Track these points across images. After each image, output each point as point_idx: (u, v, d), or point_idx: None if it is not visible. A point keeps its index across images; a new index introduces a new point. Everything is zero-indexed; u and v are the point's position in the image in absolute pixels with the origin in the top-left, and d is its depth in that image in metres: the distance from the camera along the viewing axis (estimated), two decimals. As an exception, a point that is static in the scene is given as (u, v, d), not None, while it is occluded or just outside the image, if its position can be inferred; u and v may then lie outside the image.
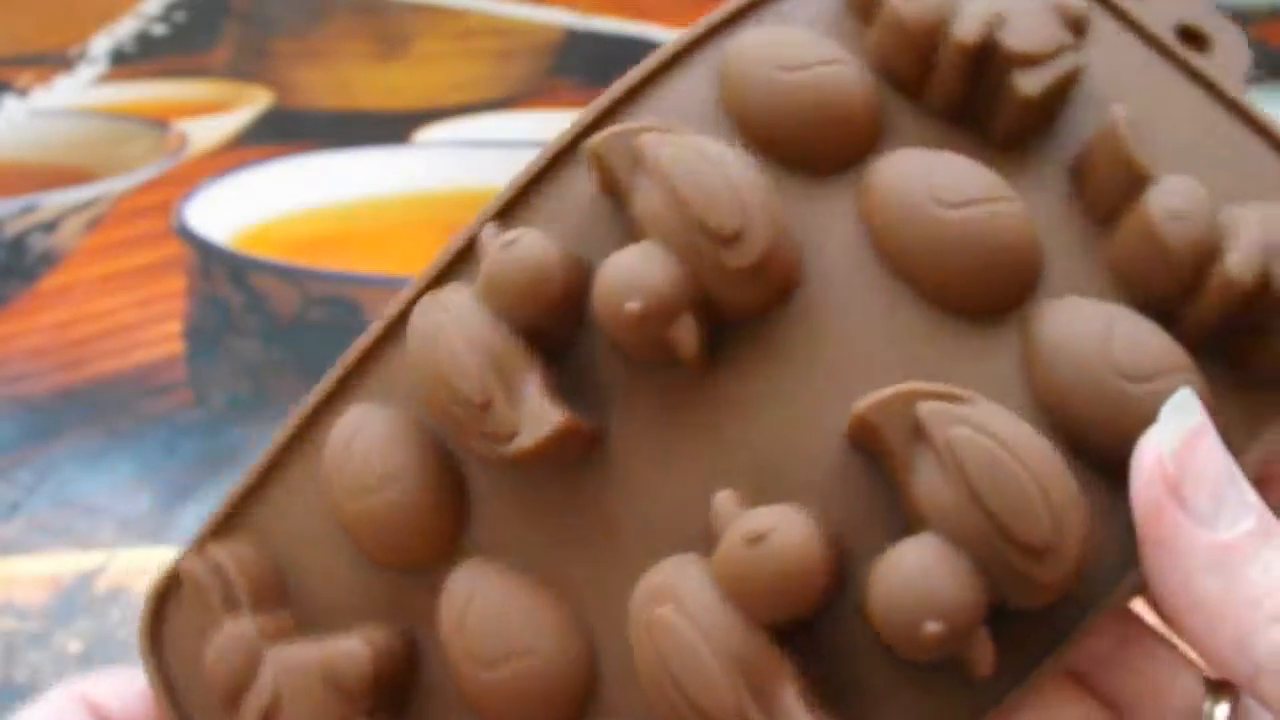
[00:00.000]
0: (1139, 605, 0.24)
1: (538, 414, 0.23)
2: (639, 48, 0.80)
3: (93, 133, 0.72)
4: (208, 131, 0.71)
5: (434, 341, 0.23)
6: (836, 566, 0.22)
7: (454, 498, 0.25)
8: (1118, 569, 0.22)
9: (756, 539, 0.21)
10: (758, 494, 0.23)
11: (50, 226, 0.65)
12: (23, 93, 0.74)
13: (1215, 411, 0.21)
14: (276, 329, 0.59)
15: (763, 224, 0.23)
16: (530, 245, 0.24)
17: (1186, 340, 0.23)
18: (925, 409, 0.21)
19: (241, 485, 0.27)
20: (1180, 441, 0.20)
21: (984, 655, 0.21)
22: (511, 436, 0.23)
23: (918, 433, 0.21)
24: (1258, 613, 0.19)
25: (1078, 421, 0.22)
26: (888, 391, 0.22)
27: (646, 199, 0.23)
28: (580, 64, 0.78)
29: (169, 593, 0.28)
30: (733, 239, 0.23)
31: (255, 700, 0.25)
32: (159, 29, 0.80)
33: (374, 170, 0.69)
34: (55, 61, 0.77)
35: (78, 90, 0.75)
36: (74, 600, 0.48)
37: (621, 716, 0.23)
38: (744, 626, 0.21)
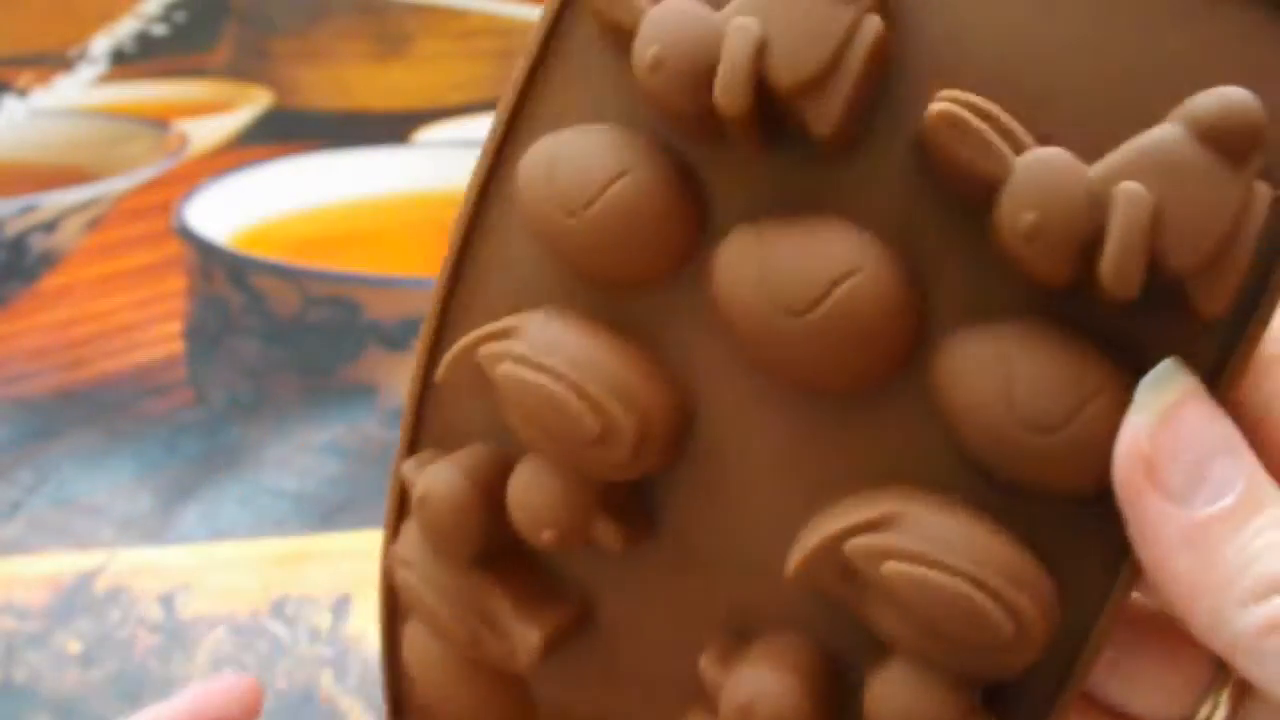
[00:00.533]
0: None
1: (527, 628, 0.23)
2: (639, 47, 0.80)
3: (93, 133, 0.72)
4: (208, 131, 0.71)
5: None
6: (828, 691, 0.22)
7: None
8: (1101, 592, 0.21)
9: (745, 715, 0.21)
10: (740, 639, 0.22)
11: (50, 226, 0.65)
12: (23, 93, 0.74)
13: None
14: (276, 329, 0.59)
15: (627, 407, 0.21)
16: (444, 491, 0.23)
17: (1110, 310, 0.20)
18: (852, 550, 0.20)
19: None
20: (1157, 419, 0.19)
21: None
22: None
23: (853, 574, 0.20)
24: (1230, 593, 0.19)
25: (1009, 477, 0.21)
26: (809, 547, 0.21)
27: (510, 414, 0.22)
28: (580, 64, 0.78)
29: None
30: (600, 440, 0.21)
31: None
32: (159, 29, 0.80)
33: (374, 170, 0.69)
34: (55, 61, 0.77)
35: (78, 90, 0.75)
36: (74, 600, 0.48)
37: None
38: None
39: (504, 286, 0.24)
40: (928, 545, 0.20)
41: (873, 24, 0.19)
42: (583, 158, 0.21)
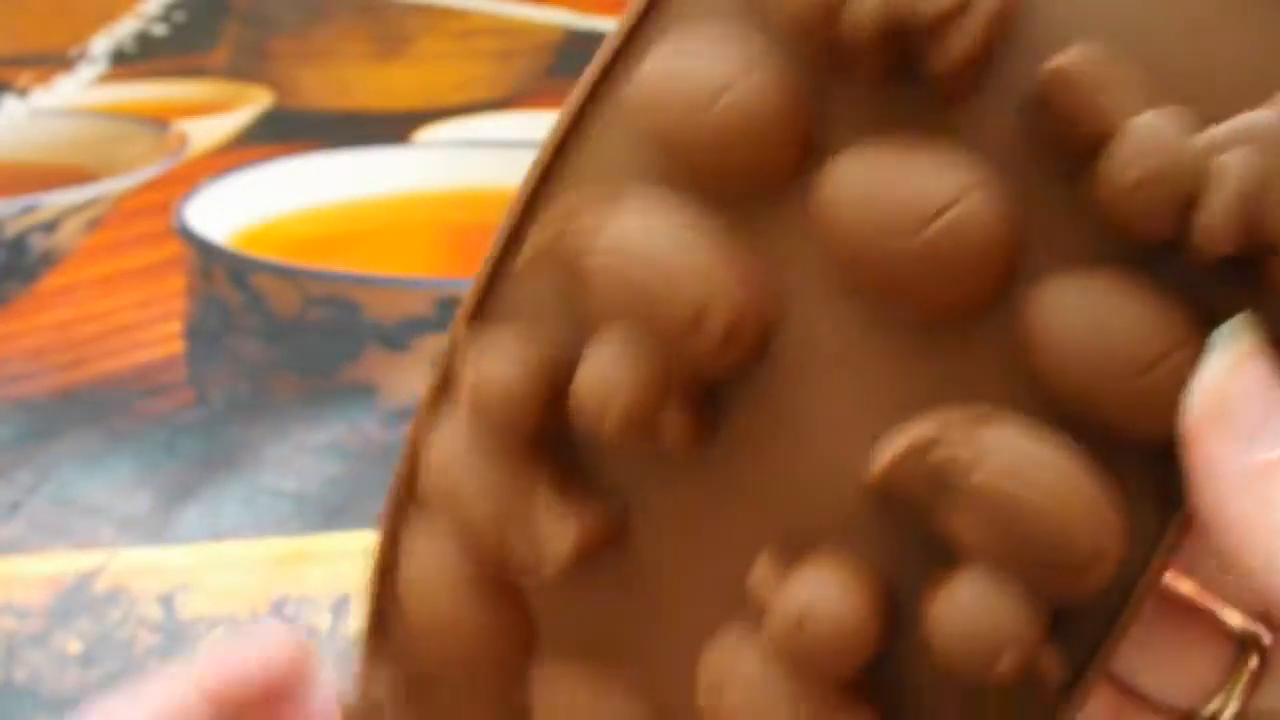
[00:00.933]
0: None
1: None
2: (639, 48, 0.80)
3: (93, 133, 0.72)
4: (208, 131, 0.71)
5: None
6: (886, 609, 0.22)
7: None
8: (1151, 542, 0.22)
9: (800, 619, 0.21)
10: (792, 552, 0.22)
11: (50, 226, 0.65)
12: (23, 93, 0.74)
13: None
14: (276, 329, 0.60)
15: (721, 294, 0.22)
16: (495, 371, 0.23)
17: (1194, 273, 0.20)
18: (939, 459, 0.21)
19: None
20: (1226, 368, 0.20)
21: (1052, 667, 0.21)
22: None
23: (940, 479, 0.21)
24: None
25: (1086, 416, 0.21)
26: (899, 448, 0.21)
27: (599, 298, 0.22)
28: (580, 64, 0.78)
29: None
30: (694, 321, 0.21)
31: None
32: (159, 29, 0.80)
33: (374, 170, 0.69)
34: (55, 61, 0.77)
35: (78, 90, 0.75)
36: (74, 600, 0.48)
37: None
38: (809, 693, 0.21)
39: (601, 175, 0.23)
40: (1015, 458, 0.20)
41: None
42: (709, 58, 0.21)
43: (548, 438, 0.23)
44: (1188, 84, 0.21)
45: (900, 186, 0.21)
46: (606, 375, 0.22)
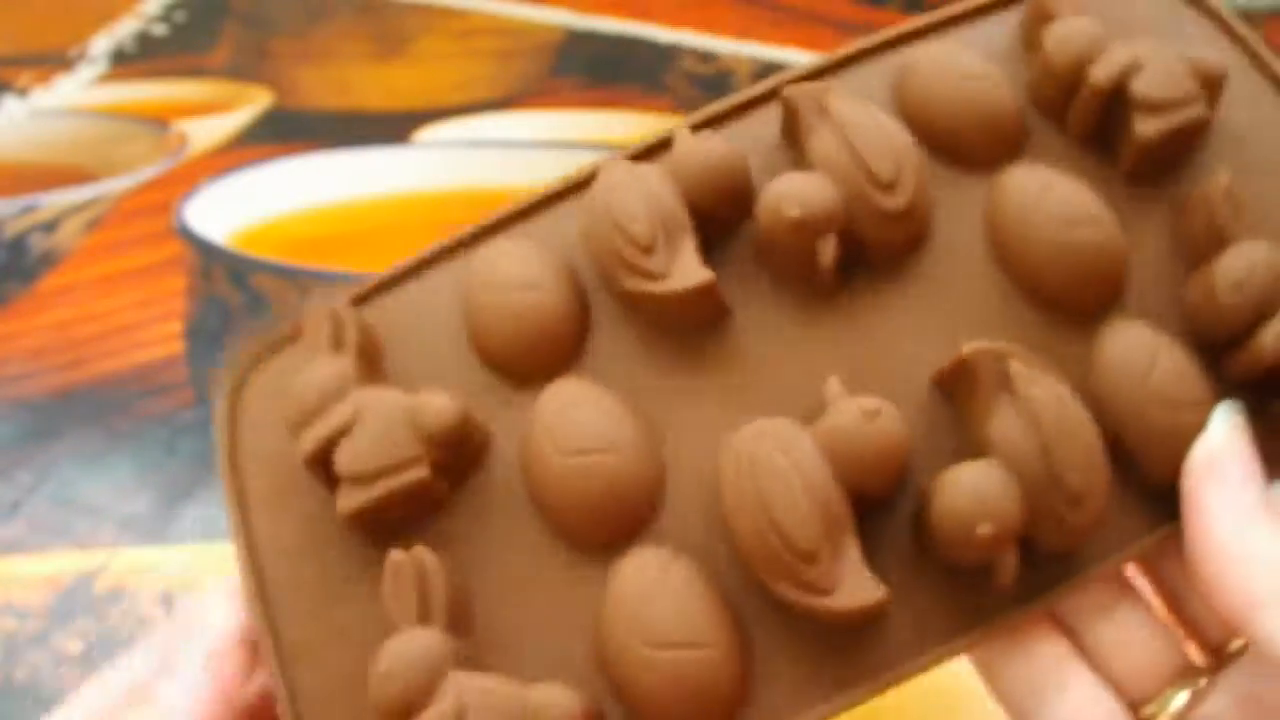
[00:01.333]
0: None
1: (690, 268, 0.27)
2: (639, 48, 0.80)
3: (93, 133, 0.72)
4: (208, 131, 0.71)
5: (618, 188, 0.28)
6: (908, 465, 0.26)
7: (580, 314, 0.29)
8: (1116, 544, 0.27)
9: (872, 414, 0.25)
10: (856, 393, 0.26)
11: (50, 226, 0.65)
12: (23, 93, 0.74)
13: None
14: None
15: (913, 181, 0.28)
16: (719, 143, 0.29)
17: (1231, 379, 0.27)
18: (1015, 367, 0.26)
19: (386, 276, 0.30)
20: (1224, 432, 0.26)
21: (1009, 567, 0.25)
22: (663, 278, 0.27)
23: (1004, 383, 0.26)
24: (1264, 565, 0.24)
25: (1116, 424, 0.27)
26: (988, 344, 0.26)
27: (822, 141, 0.28)
28: (580, 64, 0.78)
29: (262, 357, 0.31)
30: (888, 186, 0.28)
31: (335, 418, 0.27)
32: (159, 29, 0.80)
33: (374, 170, 0.69)
34: (55, 61, 0.77)
35: (78, 90, 0.75)
36: (74, 600, 0.48)
37: (675, 537, 0.27)
38: (834, 484, 0.25)
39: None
40: (1065, 400, 0.25)
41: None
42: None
43: (712, 223, 0.29)
44: None
45: (1056, 193, 0.28)
46: (802, 184, 0.28)
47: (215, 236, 0.64)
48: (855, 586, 0.24)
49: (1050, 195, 0.28)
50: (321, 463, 0.27)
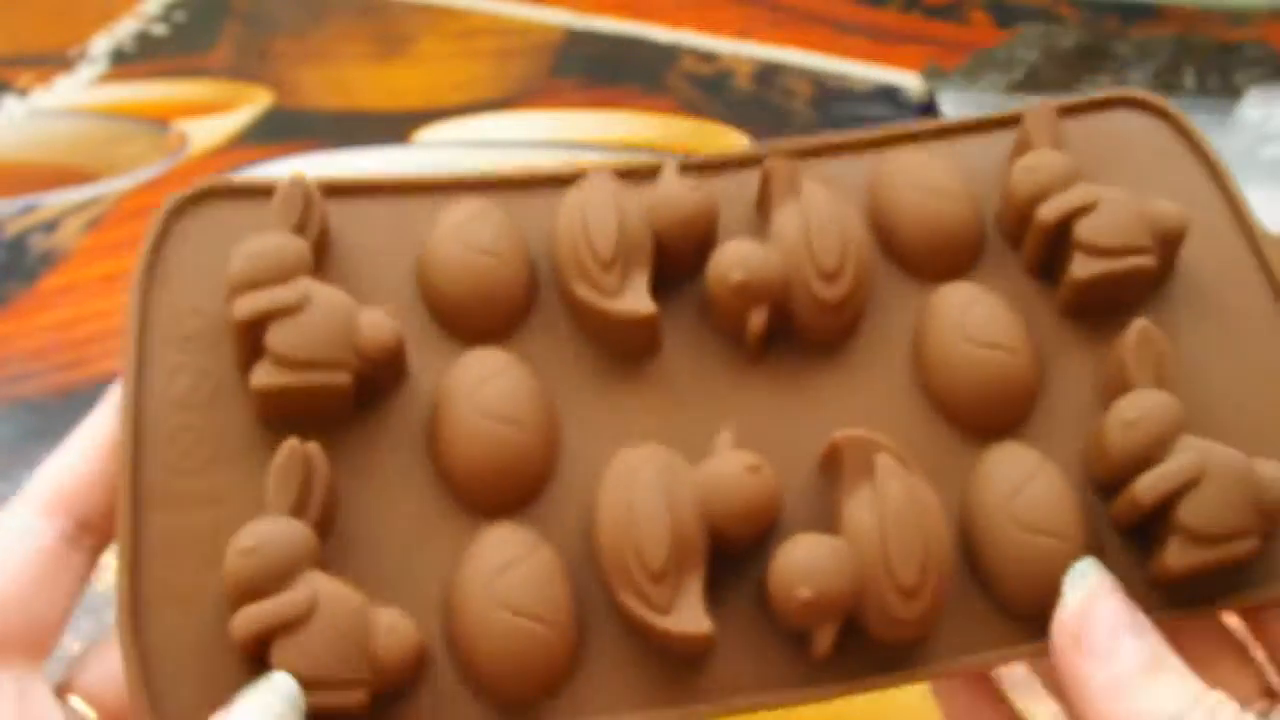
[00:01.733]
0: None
1: (638, 297, 0.29)
2: (639, 48, 0.80)
3: (93, 133, 0.72)
4: (208, 131, 0.71)
5: (599, 203, 0.29)
6: (772, 525, 0.28)
7: (526, 296, 0.30)
8: (962, 649, 0.28)
9: (752, 469, 0.27)
10: (745, 446, 0.28)
11: (50, 226, 0.65)
12: (23, 93, 0.74)
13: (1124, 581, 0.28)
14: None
15: (853, 276, 0.30)
16: (697, 194, 0.30)
17: (1117, 521, 0.28)
18: (881, 459, 0.27)
19: (362, 182, 0.31)
20: (1080, 602, 0.27)
21: (824, 637, 0.26)
22: (612, 297, 0.29)
23: (868, 471, 0.27)
24: None
25: (979, 539, 0.28)
26: (862, 432, 0.28)
27: (784, 217, 0.30)
28: (580, 64, 0.78)
29: (201, 203, 0.31)
30: (829, 276, 0.29)
31: (281, 296, 0.27)
32: (159, 29, 0.80)
33: (374, 170, 0.69)
34: (55, 61, 0.77)
35: (78, 90, 0.75)
36: (74, 600, 0.48)
37: (548, 524, 0.28)
38: (699, 521, 0.26)
39: None
40: (920, 497, 0.27)
41: None
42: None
43: (668, 266, 0.30)
44: (1228, 418, 0.30)
45: (978, 313, 0.30)
46: (752, 254, 0.29)
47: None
48: (687, 615, 0.26)
49: (970, 313, 0.30)
50: (247, 332, 0.27)
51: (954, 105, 0.73)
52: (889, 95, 0.76)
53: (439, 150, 0.71)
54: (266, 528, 0.25)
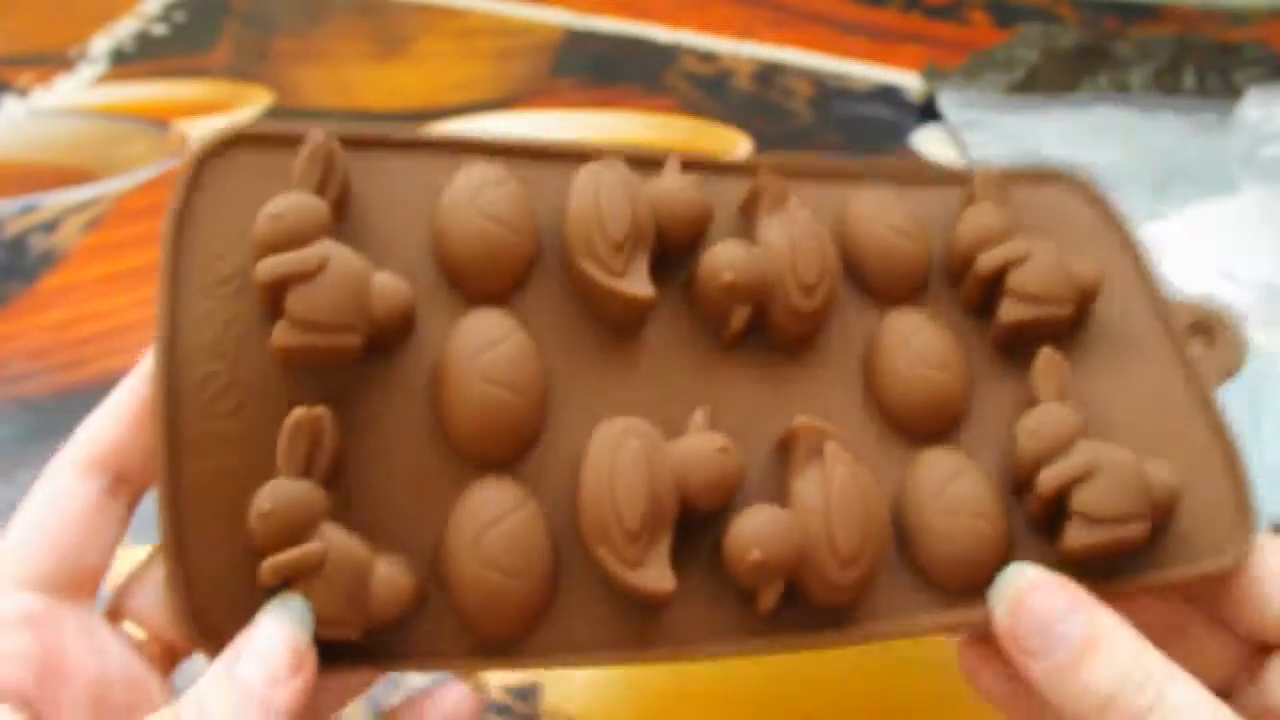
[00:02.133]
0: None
1: (640, 279, 0.32)
2: (639, 48, 0.80)
3: (93, 133, 0.72)
4: (208, 132, 0.71)
5: (613, 188, 0.32)
6: (734, 496, 0.31)
7: (528, 262, 0.33)
8: (887, 614, 0.32)
9: (721, 450, 0.31)
10: (715, 426, 0.32)
11: (50, 226, 0.65)
12: (23, 93, 0.74)
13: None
14: (277, 329, 0.59)
15: (826, 292, 0.34)
16: (698, 190, 0.34)
17: (1030, 518, 0.33)
18: (830, 445, 0.32)
19: (381, 135, 0.33)
20: (1009, 603, 0.30)
21: (769, 596, 0.30)
22: (618, 277, 0.32)
23: (817, 455, 0.32)
24: (1113, 712, 0.27)
25: (912, 524, 0.33)
26: (816, 421, 0.32)
27: (771, 229, 0.34)
28: (580, 64, 0.78)
29: (234, 148, 0.32)
30: (807, 288, 0.33)
31: (302, 260, 0.29)
32: (159, 29, 0.80)
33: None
34: (55, 61, 0.77)
35: (78, 90, 0.75)
36: (74, 600, 0.47)
37: (536, 479, 0.31)
38: (672, 490, 0.30)
39: None
40: (861, 479, 0.31)
41: None
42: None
43: (666, 252, 0.34)
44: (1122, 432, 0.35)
45: (920, 339, 0.35)
46: (742, 258, 0.33)
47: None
48: (654, 573, 0.29)
49: (915, 338, 0.34)
50: (269, 289, 0.29)
51: (954, 105, 0.73)
52: (889, 95, 0.76)
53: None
54: (280, 490, 0.28)
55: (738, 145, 0.71)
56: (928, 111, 0.75)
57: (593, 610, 0.31)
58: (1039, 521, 0.33)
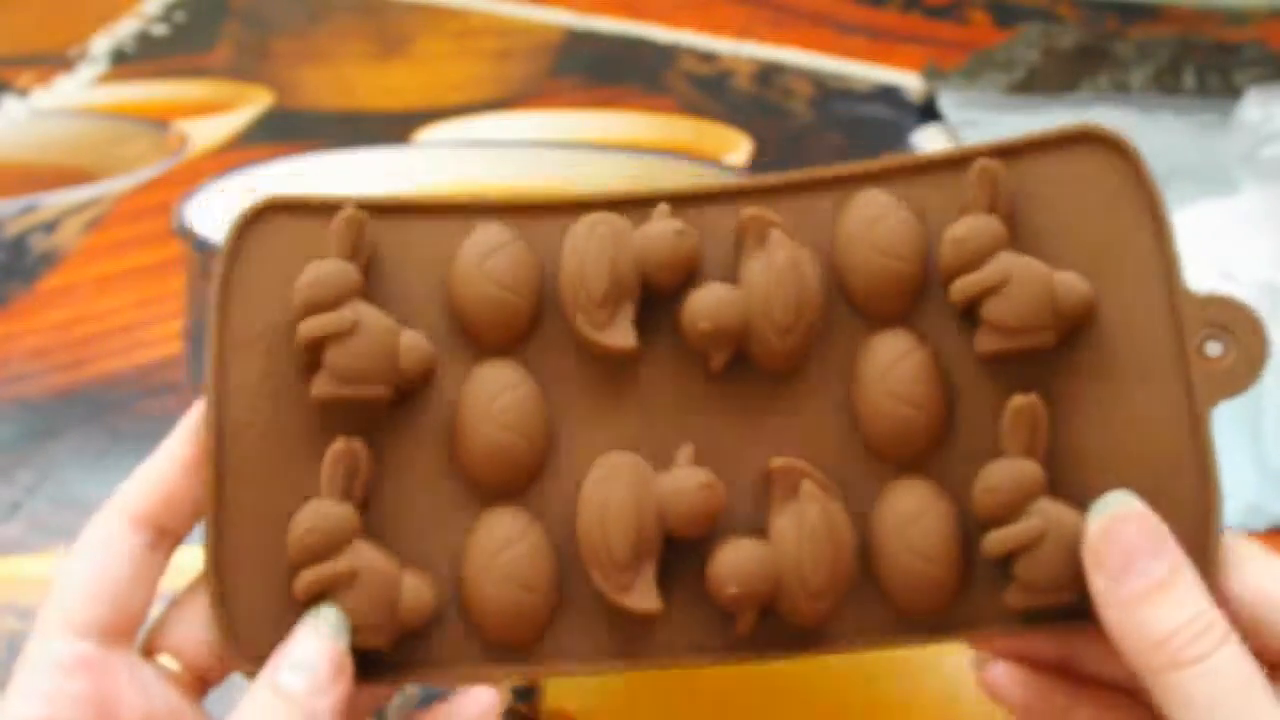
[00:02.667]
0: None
1: (623, 330, 0.35)
2: (639, 48, 0.80)
3: (93, 133, 0.72)
4: (208, 131, 0.71)
5: (597, 248, 0.35)
6: (716, 527, 0.35)
7: (534, 316, 0.36)
8: (853, 636, 0.35)
9: (705, 485, 0.34)
10: (701, 458, 0.35)
11: (50, 226, 0.65)
12: (23, 93, 0.74)
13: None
14: (277, 329, 0.59)
15: (804, 329, 0.35)
16: (683, 238, 0.35)
17: (987, 553, 0.34)
18: (807, 485, 0.34)
19: (405, 202, 0.36)
20: (1105, 521, 0.31)
21: (745, 622, 0.34)
22: (602, 329, 0.35)
23: (794, 493, 0.34)
24: (1158, 655, 0.29)
25: (872, 548, 0.35)
26: (794, 462, 0.35)
27: (749, 269, 0.35)
28: (580, 64, 0.78)
29: (272, 216, 0.36)
30: (784, 330, 0.35)
31: (338, 320, 0.33)
32: (159, 29, 0.80)
33: (374, 170, 0.69)
34: (55, 61, 0.77)
35: (78, 90, 0.75)
36: (74, 600, 0.47)
37: (541, 508, 0.35)
38: (657, 521, 0.34)
39: None
40: (833, 516, 0.34)
41: None
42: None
43: (653, 293, 0.36)
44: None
45: (901, 368, 0.36)
46: (723, 302, 0.35)
47: (215, 236, 0.64)
48: (642, 595, 0.33)
49: (894, 371, 0.35)
50: (309, 347, 0.34)
51: (954, 105, 0.73)
52: (889, 95, 0.76)
53: (439, 150, 0.71)
54: (322, 510, 0.33)
55: (738, 145, 0.71)
56: (928, 111, 0.75)
57: (590, 624, 0.35)
58: (1000, 561, 0.34)
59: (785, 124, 0.73)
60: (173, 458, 0.34)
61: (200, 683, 0.34)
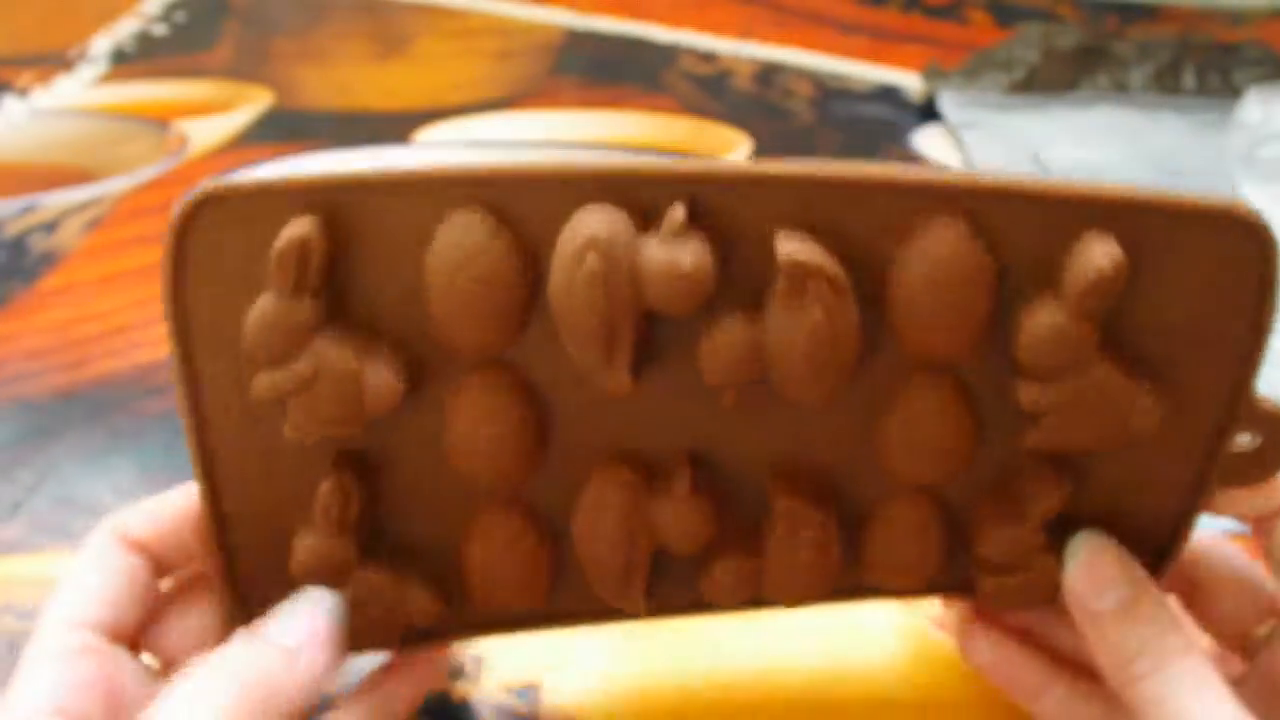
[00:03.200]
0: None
1: (619, 376, 0.31)
2: (639, 48, 0.80)
3: (93, 133, 0.72)
4: (208, 131, 0.71)
5: (577, 270, 0.30)
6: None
7: (523, 310, 0.32)
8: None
9: (691, 497, 0.34)
10: (702, 462, 0.35)
11: (50, 226, 0.65)
12: (23, 93, 0.74)
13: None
14: (277, 329, 0.59)
15: (830, 387, 0.32)
16: (687, 262, 0.30)
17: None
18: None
19: (381, 176, 0.31)
20: (1086, 553, 0.34)
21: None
22: (600, 371, 0.32)
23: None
24: (1128, 670, 0.32)
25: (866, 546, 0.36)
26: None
27: (785, 320, 0.30)
28: (580, 64, 0.78)
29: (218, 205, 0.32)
30: (806, 385, 0.31)
31: (293, 377, 0.31)
32: (159, 29, 0.80)
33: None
34: (55, 61, 0.77)
35: (78, 90, 0.75)
36: (74, 600, 0.48)
37: (533, 499, 0.35)
38: (647, 545, 0.35)
39: None
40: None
41: None
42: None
43: (654, 317, 0.32)
44: None
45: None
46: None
47: (215, 236, 0.64)
48: (632, 599, 0.35)
49: (920, 429, 0.33)
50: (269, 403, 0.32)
51: (954, 105, 0.73)
52: (889, 95, 0.76)
53: (439, 150, 0.71)
54: (319, 548, 0.33)
55: (737, 145, 0.71)
56: (928, 111, 0.75)
57: (584, 598, 0.36)
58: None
59: (785, 124, 0.73)
60: (171, 506, 0.35)
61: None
